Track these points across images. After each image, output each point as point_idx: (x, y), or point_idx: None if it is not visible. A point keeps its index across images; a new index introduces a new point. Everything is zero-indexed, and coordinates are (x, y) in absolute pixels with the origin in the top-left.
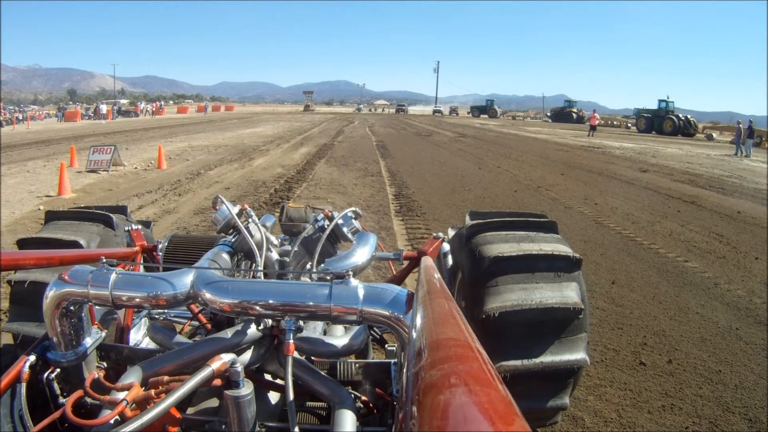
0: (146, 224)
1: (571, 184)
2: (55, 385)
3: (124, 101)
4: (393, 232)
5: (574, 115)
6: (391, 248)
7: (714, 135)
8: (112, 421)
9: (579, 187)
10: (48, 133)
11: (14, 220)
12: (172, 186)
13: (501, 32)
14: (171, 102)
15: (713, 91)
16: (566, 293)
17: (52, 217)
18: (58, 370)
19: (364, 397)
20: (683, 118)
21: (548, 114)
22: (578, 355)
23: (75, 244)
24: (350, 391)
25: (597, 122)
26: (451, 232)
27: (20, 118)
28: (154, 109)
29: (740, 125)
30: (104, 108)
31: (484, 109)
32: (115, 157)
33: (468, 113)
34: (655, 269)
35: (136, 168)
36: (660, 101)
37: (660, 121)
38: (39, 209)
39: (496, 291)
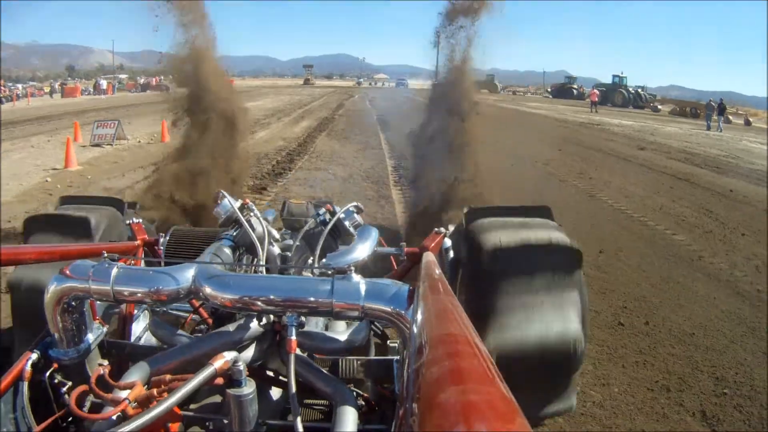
0: (132, 205)
1: (570, 160)
2: (57, 383)
3: (123, 76)
4: (392, 201)
5: (575, 91)
6: (392, 242)
7: (659, 107)
8: (115, 419)
9: (576, 162)
10: (48, 109)
11: (23, 191)
12: None
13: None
14: (171, 76)
15: (715, 71)
16: (567, 316)
17: (65, 201)
18: (61, 367)
19: (365, 395)
20: (633, 91)
21: (549, 90)
22: (567, 402)
23: (85, 221)
24: (352, 388)
25: (597, 98)
26: (452, 228)
27: (20, 94)
28: (155, 83)
29: (712, 103)
30: (104, 83)
31: (484, 84)
32: (118, 132)
33: None
34: (642, 240)
35: (139, 141)
36: (614, 76)
37: (613, 95)
38: (47, 181)
39: (495, 311)
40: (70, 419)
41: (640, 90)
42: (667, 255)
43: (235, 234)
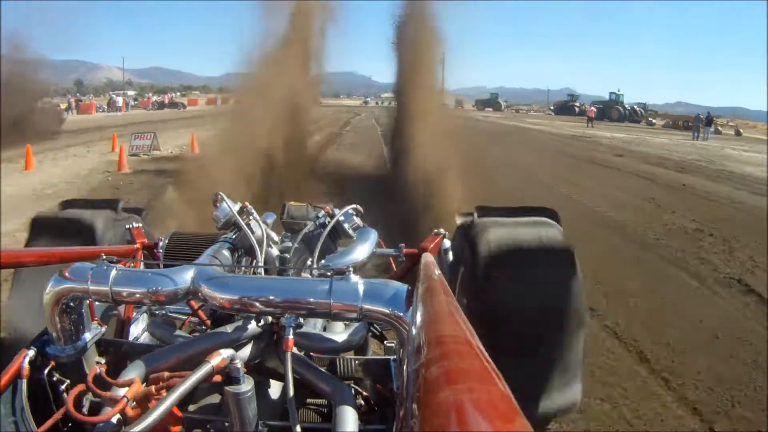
0: (138, 211)
1: (549, 164)
2: (55, 381)
3: (131, 92)
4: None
5: (576, 109)
6: (391, 243)
7: (654, 121)
8: (114, 420)
9: (553, 166)
10: (72, 124)
11: (93, 188)
12: None
13: (508, 24)
14: (178, 93)
15: (722, 89)
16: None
17: (67, 204)
18: (58, 365)
19: (365, 394)
20: (629, 107)
21: (551, 107)
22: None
23: (88, 222)
24: (351, 385)
25: (594, 114)
26: (459, 221)
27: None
28: (167, 100)
29: (700, 116)
30: (120, 100)
31: (489, 102)
32: (154, 143)
33: (473, 106)
34: (585, 216)
35: (171, 152)
36: (611, 93)
37: (609, 111)
38: (108, 179)
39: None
40: (70, 424)
41: (636, 106)
42: (598, 224)
43: (234, 237)
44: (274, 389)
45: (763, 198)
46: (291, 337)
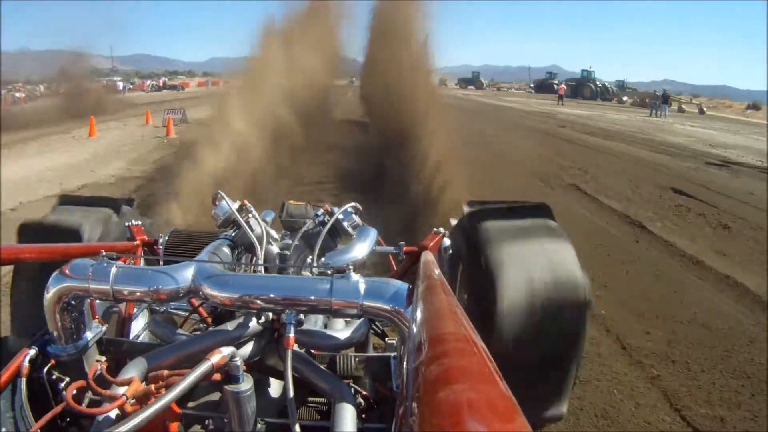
0: (129, 202)
1: (500, 132)
2: (55, 379)
3: (117, 78)
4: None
5: (555, 86)
6: (390, 241)
7: (625, 99)
8: (113, 416)
9: (502, 132)
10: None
11: (152, 148)
12: None
13: (495, 1)
14: (163, 78)
15: (712, 66)
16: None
17: (64, 200)
18: (59, 363)
19: (364, 392)
20: (600, 85)
21: (531, 85)
22: (559, 409)
23: (76, 233)
24: (351, 384)
25: (564, 92)
26: (453, 222)
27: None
28: (162, 84)
29: (656, 93)
30: (120, 84)
31: (471, 80)
32: (184, 117)
33: (455, 84)
34: (510, 164)
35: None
36: (582, 71)
37: (582, 88)
38: (163, 142)
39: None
40: (68, 419)
41: (607, 83)
42: (507, 164)
43: (233, 235)
44: (274, 387)
45: (655, 154)
46: (292, 335)
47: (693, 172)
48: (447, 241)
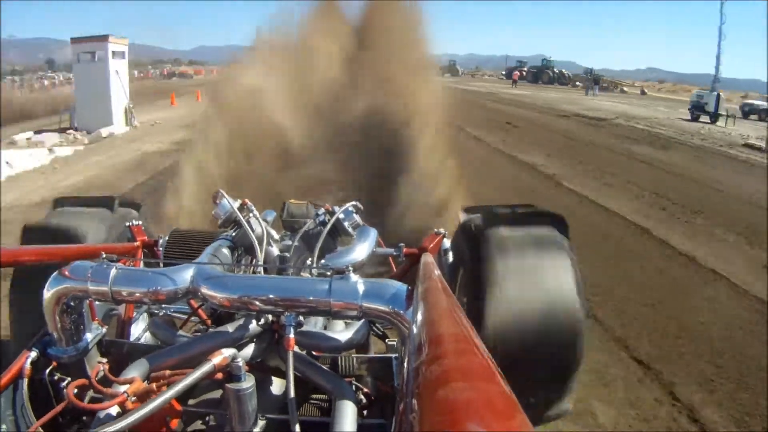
0: (136, 206)
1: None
2: (56, 380)
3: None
4: None
5: (524, 73)
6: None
7: (578, 84)
8: (114, 413)
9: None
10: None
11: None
12: None
13: None
14: (149, 67)
15: (702, 55)
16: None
17: (59, 203)
18: (60, 365)
19: (365, 389)
20: (557, 71)
21: (503, 72)
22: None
23: (78, 234)
24: (352, 383)
25: (517, 78)
26: (463, 215)
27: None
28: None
29: (588, 76)
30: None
31: (448, 68)
32: None
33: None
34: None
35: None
36: (543, 59)
37: (541, 74)
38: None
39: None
40: (69, 417)
41: (564, 70)
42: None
43: (234, 235)
44: (276, 387)
45: (541, 115)
46: (292, 336)
47: (558, 124)
48: (447, 243)
